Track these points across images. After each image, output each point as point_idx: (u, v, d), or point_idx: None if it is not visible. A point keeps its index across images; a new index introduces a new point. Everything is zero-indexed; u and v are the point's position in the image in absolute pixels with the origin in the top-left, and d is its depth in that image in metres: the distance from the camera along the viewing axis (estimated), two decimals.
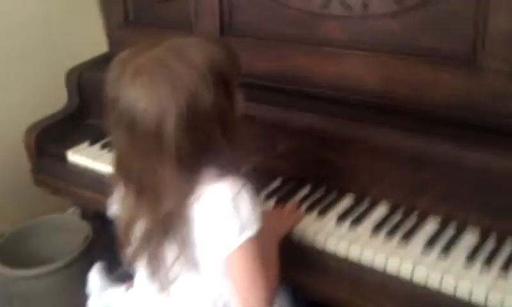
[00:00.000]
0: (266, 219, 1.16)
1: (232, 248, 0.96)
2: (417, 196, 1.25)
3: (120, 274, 1.24)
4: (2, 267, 1.81)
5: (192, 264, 1.00)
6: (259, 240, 0.99)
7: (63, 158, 1.65)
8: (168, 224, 0.96)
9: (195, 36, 1.01)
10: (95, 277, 1.28)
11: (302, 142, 1.37)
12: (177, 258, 0.98)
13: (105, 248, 1.29)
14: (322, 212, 1.28)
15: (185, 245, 0.97)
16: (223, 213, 0.95)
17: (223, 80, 0.93)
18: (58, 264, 1.81)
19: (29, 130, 1.69)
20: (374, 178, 1.30)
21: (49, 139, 1.70)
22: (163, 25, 1.72)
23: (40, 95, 1.94)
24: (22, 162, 1.72)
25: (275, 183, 1.42)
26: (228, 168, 0.97)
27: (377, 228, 1.22)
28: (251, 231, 0.96)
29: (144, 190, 0.95)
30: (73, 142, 1.67)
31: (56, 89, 1.80)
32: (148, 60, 0.91)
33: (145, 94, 0.89)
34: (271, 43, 1.49)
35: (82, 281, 1.28)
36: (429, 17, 1.25)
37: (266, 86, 1.49)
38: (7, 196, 1.98)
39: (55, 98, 1.79)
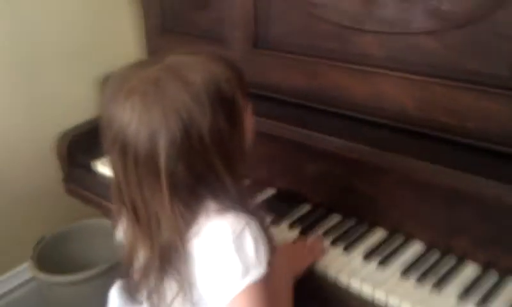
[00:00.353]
0: (282, 254, 1.09)
1: (234, 293, 0.88)
2: (454, 237, 1.14)
3: None
4: (38, 272, 1.82)
5: (192, 303, 0.93)
6: (267, 282, 0.91)
7: (93, 169, 1.62)
8: (165, 258, 0.89)
9: (203, 52, 0.91)
10: (114, 295, 1.23)
11: (331, 167, 1.28)
12: (176, 295, 0.91)
13: None
14: (349, 247, 1.18)
15: (184, 283, 0.90)
16: (224, 254, 0.87)
17: (225, 103, 0.85)
18: (94, 271, 1.79)
19: (61, 139, 1.67)
20: (408, 213, 1.19)
21: (79, 149, 1.67)
22: (198, 34, 1.67)
23: (72, 102, 1.92)
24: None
25: (303, 210, 1.33)
26: (230, 202, 0.89)
27: (408, 270, 1.11)
28: (255, 274, 0.88)
29: (139, 220, 0.89)
30: (103, 153, 1.64)
31: (88, 97, 1.78)
32: (142, 79, 0.84)
33: (136, 116, 0.82)
34: (304, 59, 1.40)
35: None
36: (474, 37, 1.12)
37: (296, 104, 1.40)
38: (48, 198, 1.98)
39: (87, 106, 1.77)
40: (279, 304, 1.00)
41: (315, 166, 1.31)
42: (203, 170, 0.85)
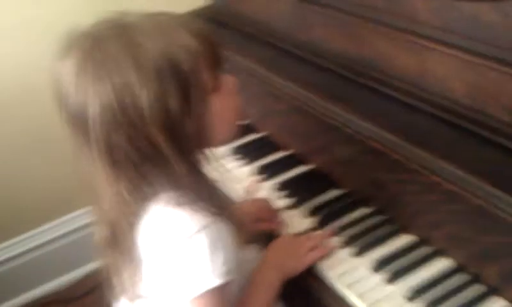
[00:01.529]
0: (273, 251, 0.98)
1: (182, 300, 0.79)
2: (487, 263, 0.92)
3: None
4: None
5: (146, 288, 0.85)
6: (225, 289, 0.81)
7: None
8: (114, 236, 0.83)
9: (174, 16, 0.79)
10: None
11: (361, 154, 1.09)
12: (131, 275, 0.85)
13: None
14: (363, 250, 1.02)
15: (134, 266, 0.83)
16: (173, 256, 0.79)
17: (178, 79, 0.73)
18: None
19: None
20: (438, 224, 0.99)
21: None
22: None
23: None
24: None
25: (331, 194, 1.17)
26: (187, 194, 0.78)
27: (421, 291, 0.92)
28: (206, 284, 0.78)
29: (87, 190, 0.82)
30: None
31: None
32: (86, 35, 0.75)
33: (70, 75, 0.74)
34: (352, 19, 1.19)
35: None
36: None
37: (333, 71, 1.21)
38: None
39: None
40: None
41: (345, 149, 1.13)
42: (147, 148, 0.75)
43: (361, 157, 1.09)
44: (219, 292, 0.80)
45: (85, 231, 1.92)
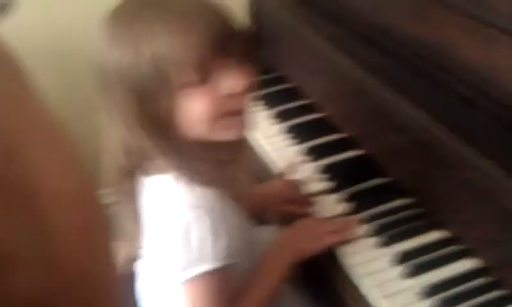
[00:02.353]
0: (291, 233, 0.99)
1: (176, 282, 0.83)
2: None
3: None
4: None
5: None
6: (224, 273, 0.83)
7: None
8: (122, 183, 0.85)
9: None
10: None
11: (410, 144, 1.06)
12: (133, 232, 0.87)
13: None
14: (390, 242, 1.00)
15: (136, 223, 0.86)
16: (169, 234, 0.81)
17: (158, 62, 0.74)
18: None
19: None
20: (471, 223, 0.95)
21: None
22: None
23: None
24: None
25: (372, 182, 1.15)
26: (178, 162, 0.80)
27: (436, 289, 0.90)
28: (201, 269, 0.80)
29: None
30: None
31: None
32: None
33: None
34: (428, 3, 1.14)
35: None
36: None
37: (401, 57, 1.17)
38: None
39: None
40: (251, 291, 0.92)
41: (395, 137, 1.10)
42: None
43: (408, 146, 1.06)
44: (217, 276, 0.81)
45: None
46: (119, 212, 0.86)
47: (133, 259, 0.90)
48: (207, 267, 0.80)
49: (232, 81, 0.77)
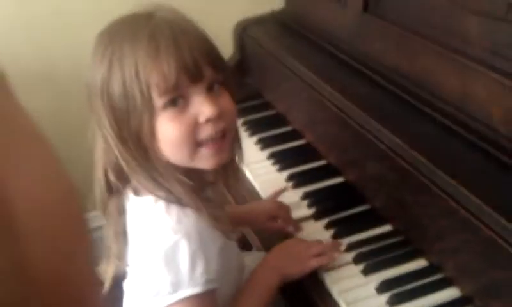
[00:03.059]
0: (275, 252, 0.98)
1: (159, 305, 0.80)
2: (493, 298, 0.86)
3: None
4: None
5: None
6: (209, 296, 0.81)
7: None
8: (107, 202, 0.85)
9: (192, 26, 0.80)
10: None
11: (390, 171, 1.07)
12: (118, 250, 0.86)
13: None
14: (371, 269, 1.00)
15: (122, 242, 0.85)
16: (149, 257, 0.79)
17: (126, 82, 0.75)
18: None
19: None
20: (451, 252, 0.95)
21: None
22: None
23: None
24: None
25: (354, 210, 1.15)
26: (159, 183, 0.79)
27: None
28: (187, 292, 0.78)
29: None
30: None
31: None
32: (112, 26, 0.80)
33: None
34: (408, 35, 1.17)
35: None
36: None
37: (381, 86, 1.19)
38: None
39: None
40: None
41: (376, 165, 1.11)
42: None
43: (388, 174, 1.07)
44: (199, 300, 0.79)
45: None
46: (105, 231, 0.85)
47: (120, 277, 0.88)
48: (187, 292, 0.78)
49: (202, 107, 0.76)
